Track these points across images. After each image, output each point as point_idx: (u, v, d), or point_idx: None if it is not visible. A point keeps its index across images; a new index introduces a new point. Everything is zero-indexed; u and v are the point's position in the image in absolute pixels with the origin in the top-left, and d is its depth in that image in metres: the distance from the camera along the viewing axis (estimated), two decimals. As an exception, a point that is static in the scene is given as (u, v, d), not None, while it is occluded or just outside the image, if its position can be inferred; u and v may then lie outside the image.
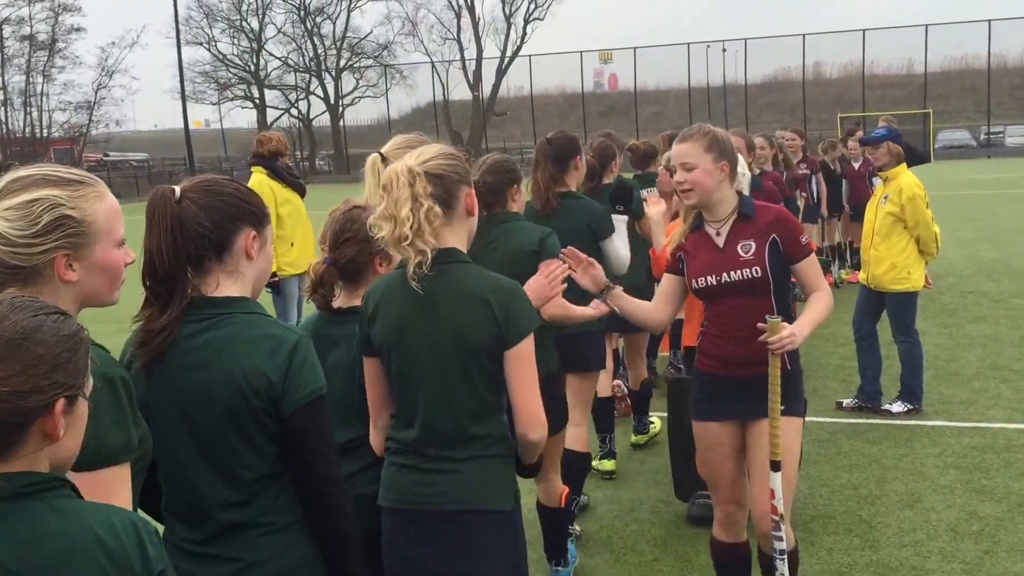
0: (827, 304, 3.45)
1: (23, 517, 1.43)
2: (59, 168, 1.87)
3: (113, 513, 1.53)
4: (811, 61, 60.67)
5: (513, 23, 64.51)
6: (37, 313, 1.48)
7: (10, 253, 1.76)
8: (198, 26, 61.80)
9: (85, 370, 1.53)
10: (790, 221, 3.52)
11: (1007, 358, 7.85)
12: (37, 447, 1.47)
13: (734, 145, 3.54)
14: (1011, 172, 33.33)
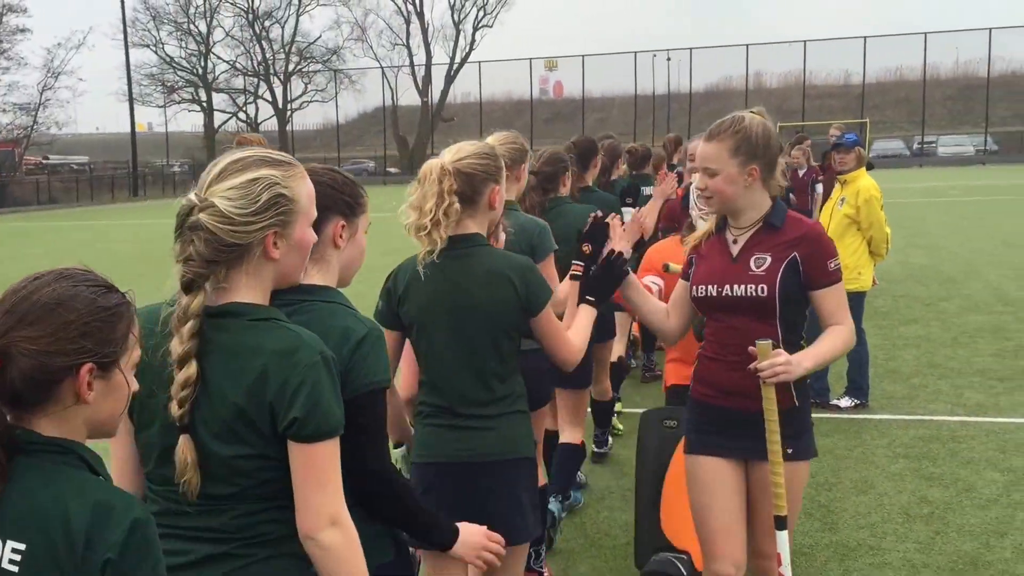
0: (843, 340, 3.02)
1: (18, 470, 1.55)
2: (270, 150, 2.01)
3: (93, 492, 1.55)
4: (752, 71, 61.92)
5: (462, 30, 64.96)
6: (79, 284, 1.60)
7: (230, 232, 1.84)
8: (145, 28, 61.26)
9: (121, 341, 1.62)
10: (821, 240, 3.03)
11: (942, 357, 8.35)
12: (68, 408, 1.57)
13: (773, 138, 3.07)
14: (942, 181, 34.54)
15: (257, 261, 1.90)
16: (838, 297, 3.03)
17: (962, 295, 11.36)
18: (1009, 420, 6.52)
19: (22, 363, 1.53)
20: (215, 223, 1.84)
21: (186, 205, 1.89)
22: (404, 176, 60.37)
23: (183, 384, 1.83)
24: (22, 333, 1.53)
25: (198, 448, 1.85)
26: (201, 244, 1.85)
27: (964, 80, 62.28)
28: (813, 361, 2.93)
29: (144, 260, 19.97)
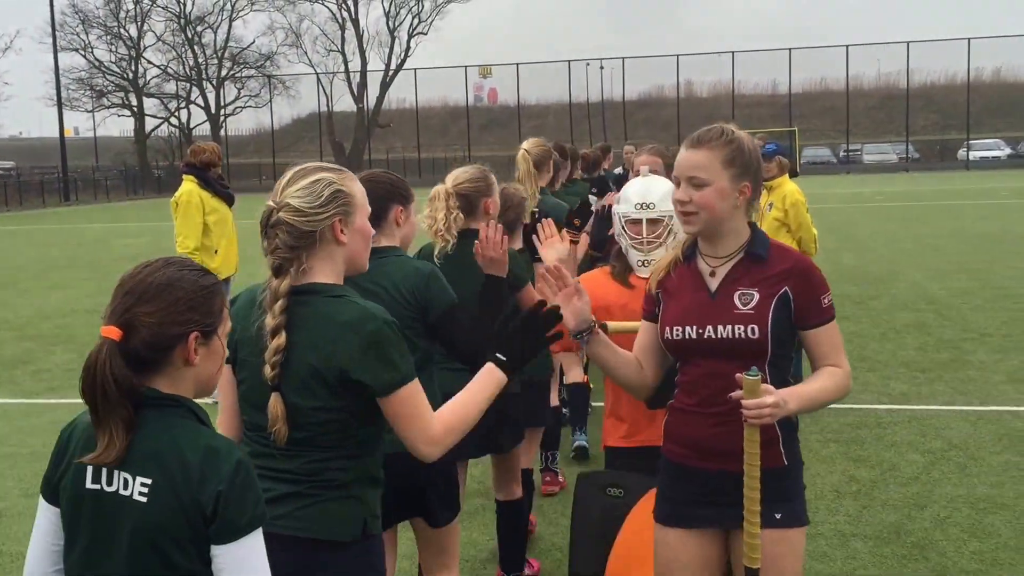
0: (838, 384, 2.61)
1: (143, 420, 1.88)
2: (323, 162, 2.51)
3: (209, 442, 1.89)
4: (683, 80, 63.14)
5: (397, 37, 64.99)
6: (182, 269, 1.94)
7: (303, 221, 2.31)
8: (73, 32, 60.02)
9: (218, 314, 1.95)
10: (813, 272, 2.67)
11: (871, 351, 8.90)
12: (179, 369, 1.92)
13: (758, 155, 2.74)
14: (868, 187, 35.83)
15: (329, 246, 2.36)
16: (833, 336, 2.66)
17: (889, 294, 12.00)
18: (929, 407, 7.04)
19: (143, 333, 1.87)
20: (291, 217, 2.31)
21: (267, 209, 2.35)
22: (340, 182, 60.13)
23: (275, 351, 2.27)
24: (142, 309, 1.88)
25: (284, 403, 2.27)
26: (284, 235, 2.31)
27: (886, 91, 64.26)
28: (799, 403, 2.52)
29: (78, 264, 19.86)
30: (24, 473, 6.34)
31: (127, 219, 35.12)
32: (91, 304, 13.77)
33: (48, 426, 7.44)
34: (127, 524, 1.86)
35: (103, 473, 1.88)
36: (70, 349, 10.51)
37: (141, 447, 1.87)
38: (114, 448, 1.84)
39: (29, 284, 16.49)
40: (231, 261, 8.11)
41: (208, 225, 7.85)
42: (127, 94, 63.12)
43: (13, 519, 5.55)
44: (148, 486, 1.86)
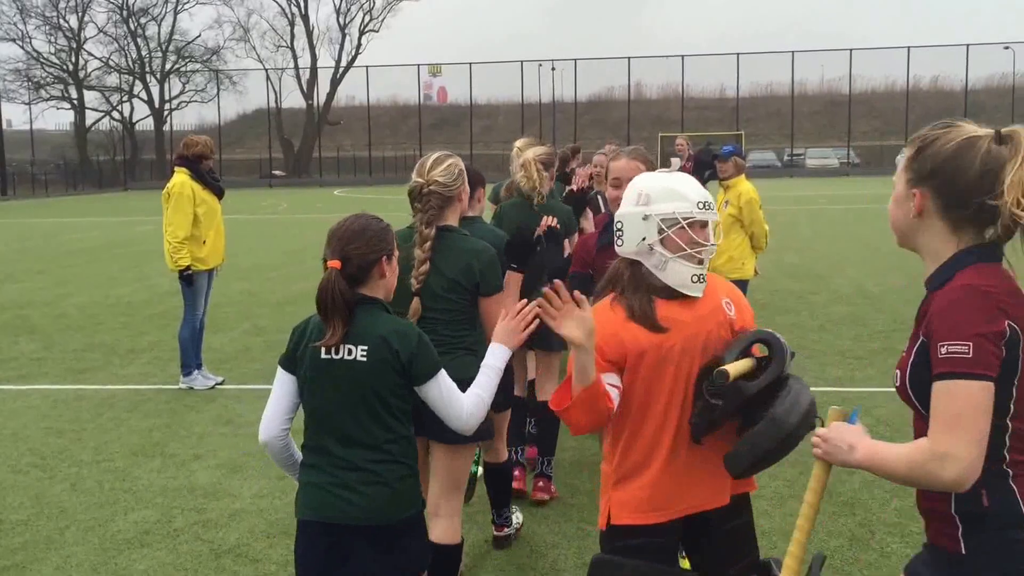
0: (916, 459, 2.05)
1: (357, 313, 2.90)
2: (445, 151, 3.90)
3: (397, 324, 2.95)
4: (633, 82, 64.02)
5: (348, 34, 65.07)
6: (368, 218, 3.00)
7: (446, 190, 3.70)
8: (10, 22, 59.15)
9: (393, 244, 3.01)
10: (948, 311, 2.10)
11: (809, 340, 9.49)
12: (376, 282, 2.96)
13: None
14: (810, 190, 36.89)
15: (455, 205, 3.80)
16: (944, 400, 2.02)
17: (829, 289, 12.68)
18: (862, 389, 7.62)
19: (354, 261, 2.91)
20: (439, 188, 3.70)
21: (417, 184, 3.68)
22: (290, 179, 60.24)
23: (422, 273, 3.63)
24: (351, 246, 2.91)
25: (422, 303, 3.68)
26: (434, 200, 3.67)
27: (829, 97, 65.90)
28: (867, 456, 2.18)
29: (29, 258, 19.85)
30: (9, 452, 6.60)
31: (70, 214, 34.81)
32: (48, 296, 13.89)
33: (24, 410, 7.70)
34: (353, 377, 2.89)
35: (332, 350, 2.88)
36: (34, 339, 10.68)
37: (357, 329, 2.90)
38: (337, 335, 2.87)
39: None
40: (218, 251, 8.38)
41: (198, 216, 8.11)
42: (67, 86, 62.30)
43: (6, 491, 5.83)
44: (366, 351, 2.89)
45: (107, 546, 4.97)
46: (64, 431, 7.09)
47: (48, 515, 5.42)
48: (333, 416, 2.90)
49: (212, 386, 8.28)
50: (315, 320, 2.95)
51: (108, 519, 5.34)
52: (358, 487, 2.87)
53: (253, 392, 8.14)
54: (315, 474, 2.93)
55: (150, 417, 7.43)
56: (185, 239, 8.04)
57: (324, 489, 2.90)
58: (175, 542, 5.01)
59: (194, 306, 8.30)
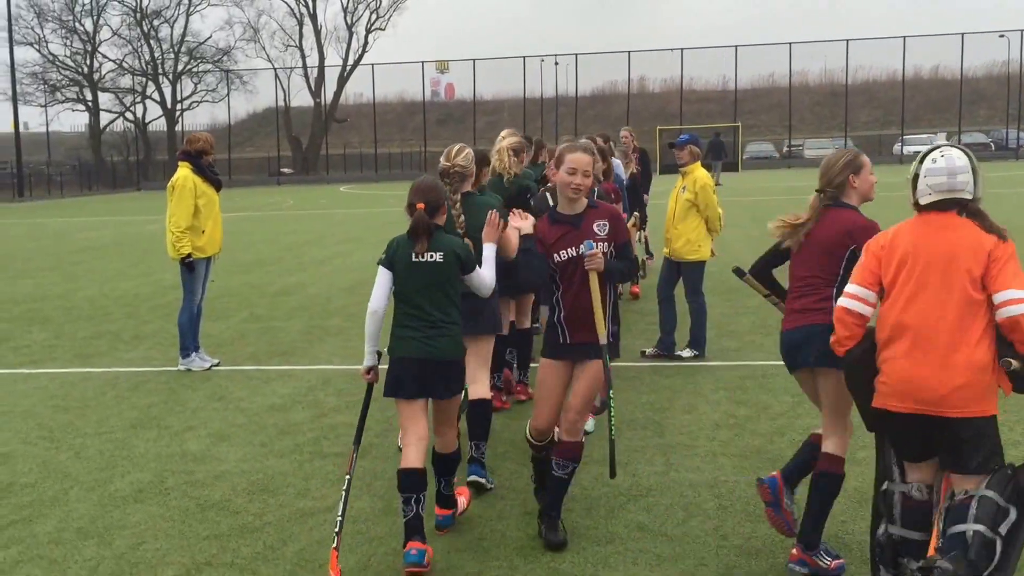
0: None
1: (434, 235, 4.62)
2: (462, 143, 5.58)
3: (456, 240, 4.76)
4: (636, 76, 64.43)
5: (355, 32, 65.63)
6: (436, 180, 4.92)
7: (464, 169, 5.44)
8: (28, 26, 59.93)
9: (446, 196, 4.84)
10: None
11: (774, 320, 9.51)
12: (440, 216, 4.70)
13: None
14: (804, 181, 37.15)
15: (469, 180, 5.57)
16: None
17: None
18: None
19: (432, 203, 4.63)
20: (459, 169, 5.42)
21: (445, 166, 5.36)
22: (298, 177, 60.93)
23: (461, 224, 5.26)
24: (430, 195, 4.66)
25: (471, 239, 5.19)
26: (456, 177, 5.39)
27: (831, 87, 66.15)
28: None
29: (41, 256, 20.55)
30: (20, 426, 7.23)
31: (82, 214, 35.55)
32: (59, 290, 14.55)
33: (34, 391, 8.33)
34: (434, 271, 4.60)
35: (419, 256, 4.59)
36: (46, 328, 11.34)
37: (435, 244, 4.62)
38: (424, 246, 4.58)
39: (-3, 272, 17.17)
40: (216, 240, 8.98)
41: (198, 207, 8.73)
42: (82, 88, 63.11)
43: (18, 459, 6.45)
44: (442, 255, 4.62)
45: (105, 503, 5.57)
46: (70, 408, 7.71)
47: (54, 478, 6.04)
48: (419, 295, 4.60)
49: (208, 367, 8.89)
50: (399, 239, 4.66)
51: (107, 480, 5.95)
52: (436, 338, 4.58)
53: (244, 373, 8.75)
54: (407, 331, 4.60)
55: (150, 395, 8.04)
56: (186, 229, 8.66)
57: (415, 340, 4.58)
58: (166, 499, 5.61)
59: (192, 292, 8.90)
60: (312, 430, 6.86)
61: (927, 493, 3.82)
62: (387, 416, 6.74)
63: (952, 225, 3.72)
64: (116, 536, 5.08)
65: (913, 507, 3.82)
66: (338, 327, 10.70)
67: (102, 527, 5.20)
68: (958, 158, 3.74)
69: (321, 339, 10.15)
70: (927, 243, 3.72)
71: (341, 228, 24.57)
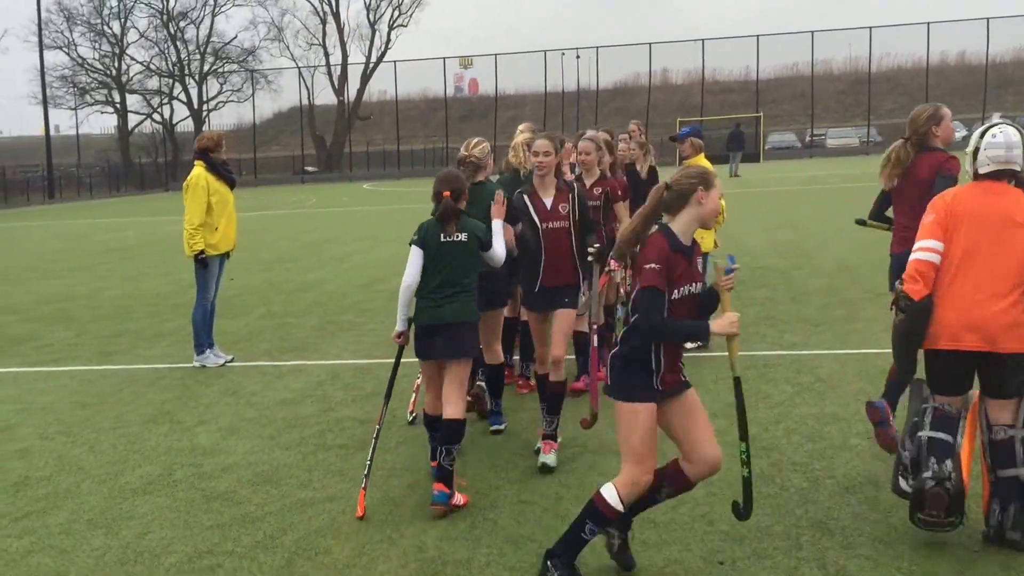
0: None
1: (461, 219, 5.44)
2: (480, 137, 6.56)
3: (476, 223, 5.52)
4: (659, 68, 64.24)
5: (377, 29, 65.88)
6: (458, 172, 5.70)
7: (481, 161, 6.29)
8: (58, 30, 60.68)
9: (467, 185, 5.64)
10: None
11: (778, 312, 10.10)
12: (462, 202, 5.47)
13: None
14: (825, 170, 37.09)
15: (483, 170, 6.37)
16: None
17: (812, 264, 13.25)
18: (811, 352, 8.25)
19: (456, 191, 5.41)
20: (474, 160, 6.30)
21: (462, 156, 6.28)
22: (322, 175, 61.33)
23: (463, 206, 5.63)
24: (454, 184, 5.46)
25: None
26: (472, 167, 6.26)
27: (855, 75, 65.55)
28: None
29: (68, 257, 20.92)
30: (39, 422, 7.46)
31: (110, 215, 36.04)
32: (85, 290, 14.86)
33: (55, 388, 8.57)
34: (460, 249, 5.41)
35: (447, 237, 5.36)
36: (70, 328, 11.62)
37: (460, 226, 5.40)
38: (452, 228, 5.38)
39: (23, 275, 17.54)
40: (229, 237, 9.17)
41: (211, 204, 8.92)
42: (110, 91, 63.83)
43: (36, 454, 6.67)
44: (466, 236, 5.42)
45: (115, 495, 5.77)
46: (88, 404, 7.93)
47: (68, 472, 6.25)
48: (445, 270, 5.40)
49: (222, 363, 9.10)
50: (428, 223, 5.43)
51: (118, 473, 6.15)
52: (444, 304, 5.37)
53: (258, 368, 8.95)
54: (426, 302, 5.40)
55: (165, 391, 8.26)
56: (199, 226, 8.85)
57: (427, 309, 5.39)
58: (174, 490, 5.80)
59: (206, 289, 9.11)
60: (318, 423, 7.03)
61: (956, 411, 4.47)
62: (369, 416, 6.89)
63: (1005, 191, 4.39)
64: (123, 526, 5.27)
65: (943, 416, 4.43)
66: (351, 323, 10.87)
67: (111, 518, 5.40)
68: (1014, 134, 4.42)
69: (334, 335, 10.33)
70: (985, 204, 4.37)
71: (361, 225, 24.80)
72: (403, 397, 7.12)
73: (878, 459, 5.63)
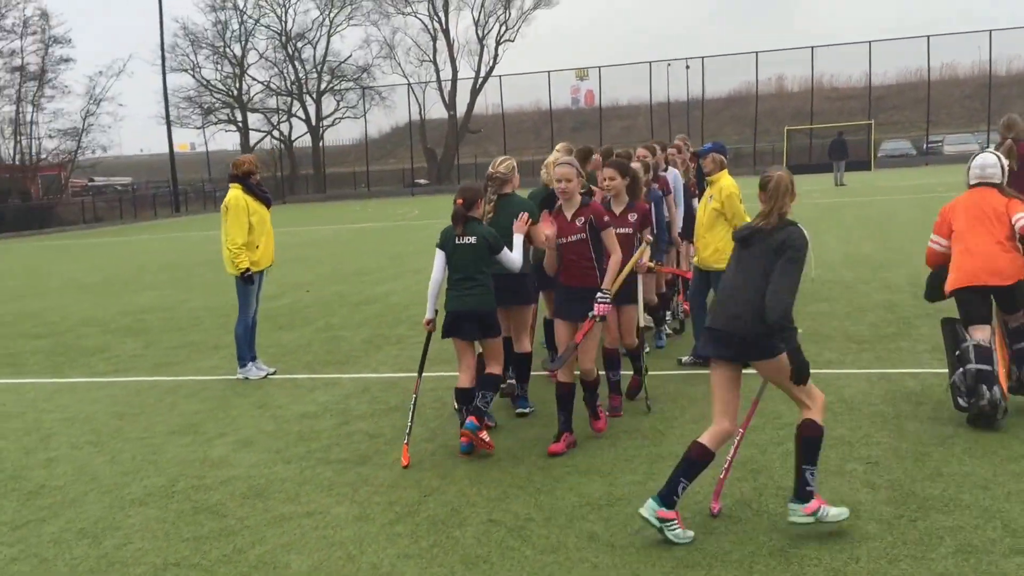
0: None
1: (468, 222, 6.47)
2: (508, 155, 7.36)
3: (486, 228, 6.51)
4: (774, 75, 62.91)
5: (486, 45, 66.65)
6: (474, 184, 7.02)
7: (503, 176, 7.08)
8: (183, 53, 63.52)
9: (482, 195, 6.74)
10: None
11: (828, 328, 9.70)
12: (476, 210, 6.55)
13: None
14: (934, 178, 35.50)
15: (509, 184, 7.09)
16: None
17: (880, 278, 12.70)
18: (841, 371, 7.90)
19: (468, 200, 6.52)
20: (500, 175, 7.06)
21: (490, 172, 7.08)
22: (433, 187, 62.39)
23: (490, 219, 6.89)
24: (467, 193, 6.52)
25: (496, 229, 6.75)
26: (499, 182, 7.05)
27: (982, 80, 62.77)
28: None
29: (167, 269, 21.80)
30: (75, 432, 7.78)
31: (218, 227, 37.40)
32: (169, 302, 15.47)
33: (103, 397, 8.94)
34: (471, 250, 6.41)
35: (460, 239, 6.41)
36: (140, 339, 12.11)
37: (469, 230, 6.43)
38: (461, 231, 6.42)
39: (123, 287, 18.39)
40: (269, 254, 9.48)
41: (252, 224, 9.24)
42: (232, 110, 66.37)
43: (60, 463, 6.96)
44: (474, 239, 6.41)
45: (115, 505, 5.96)
46: (125, 415, 8.25)
47: (82, 482, 6.49)
48: (461, 267, 6.43)
49: (264, 376, 9.33)
50: (448, 228, 6.51)
51: (126, 484, 6.36)
52: (465, 296, 6.43)
53: (294, 381, 9.14)
54: (452, 292, 6.49)
55: (202, 402, 8.51)
56: (242, 244, 9.15)
57: (454, 298, 6.46)
58: (169, 502, 5.96)
59: (247, 305, 9.38)
60: (329, 437, 7.12)
61: (988, 344, 6.31)
62: (381, 430, 6.93)
63: (987, 193, 6.58)
64: (109, 536, 5.44)
65: (982, 351, 6.27)
66: (399, 336, 11.00)
67: (101, 528, 5.58)
68: (989, 159, 6.68)
69: (379, 348, 10.47)
70: (974, 202, 6.59)
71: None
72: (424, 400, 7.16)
73: (868, 486, 5.37)
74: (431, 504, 5.59)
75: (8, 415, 8.53)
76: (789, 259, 4.68)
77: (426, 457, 6.45)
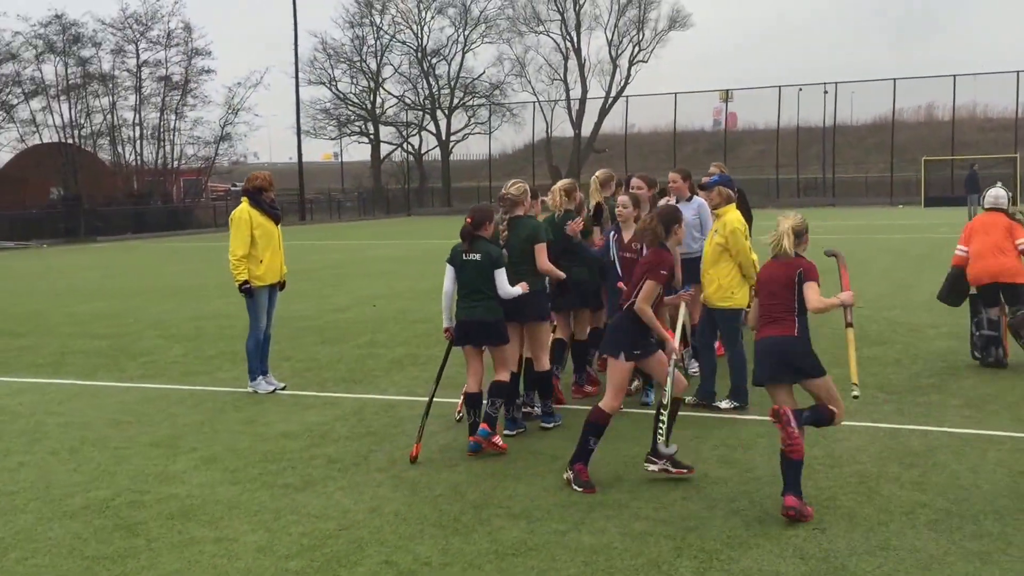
0: None
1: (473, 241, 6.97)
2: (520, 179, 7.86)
3: (491, 246, 6.99)
4: (924, 103, 60.32)
5: (618, 65, 66.23)
6: (485, 206, 7.25)
7: (514, 198, 7.42)
8: (321, 67, 65.35)
9: (493, 216, 7.15)
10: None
11: (868, 372, 8.79)
12: (485, 229, 6.99)
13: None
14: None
15: (520, 207, 7.44)
16: None
17: (951, 323, 11.42)
18: (850, 424, 7.13)
19: (476, 219, 6.96)
20: (511, 197, 7.44)
21: (501, 194, 7.52)
22: (555, 205, 62.37)
23: (503, 235, 7.41)
24: (475, 214, 7.01)
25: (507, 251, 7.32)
26: (508, 203, 7.43)
27: None
28: None
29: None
30: (63, 437, 7.81)
31: (341, 237, 38.22)
32: (233, 310, 15.52)
33: (113, 404, 9.02)
34: (477, 266, 6.90)
35: (466, 255, 6.92)
36: (186, 345, 12.27)
37: (475, 247, 6.93)
38: (467, 247, 6.92)
39: (202, 293, 18.70)
40: (275, 269, 9.40)
41: (255, 238, 9.20)
42: (365, 122, 67.96)
43: (27, 469, 6.98)
44: (479, 256, 6.92)
45: (46, 517, 5.83)
46: (120, 422, 8.26)
47: (34, 490, 6.42)
48: (469, 281, 6.92)
49: (272, 391, 9.25)
50: (458, 245, 6.97)
51: (71, 496, 6.25)
52: (473, 307, 6.94)
53: (297, 398, 9.03)
54: (461, 303, 7.02)
55: (199, 414, 8.47)
56: (243, 256, 9.12)
57: (463, 309, 6.98)
58: (95, 517, 5.80)
59: (257, 319, 9.33)
60: (289, 460, 6.93)
61: (997, 319, 9.10)
62: (343, 456, 6.69)
63: (996, 217, 9.28)
64: (17, 550, 5.34)
65: (993, 323, 9.09)
66: (431, 356, 10.75)
67: (17, 540, 5.49)
68: (1000, 191, 9.52)
69: (403, 368, 10.27)
70: (986, 221, 9.31)
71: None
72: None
73: (799, 556, 4.78)
74: (341, 539, 5.31)
75: (17, 415, 8.69)
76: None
77: (369, 488, 6.17)
